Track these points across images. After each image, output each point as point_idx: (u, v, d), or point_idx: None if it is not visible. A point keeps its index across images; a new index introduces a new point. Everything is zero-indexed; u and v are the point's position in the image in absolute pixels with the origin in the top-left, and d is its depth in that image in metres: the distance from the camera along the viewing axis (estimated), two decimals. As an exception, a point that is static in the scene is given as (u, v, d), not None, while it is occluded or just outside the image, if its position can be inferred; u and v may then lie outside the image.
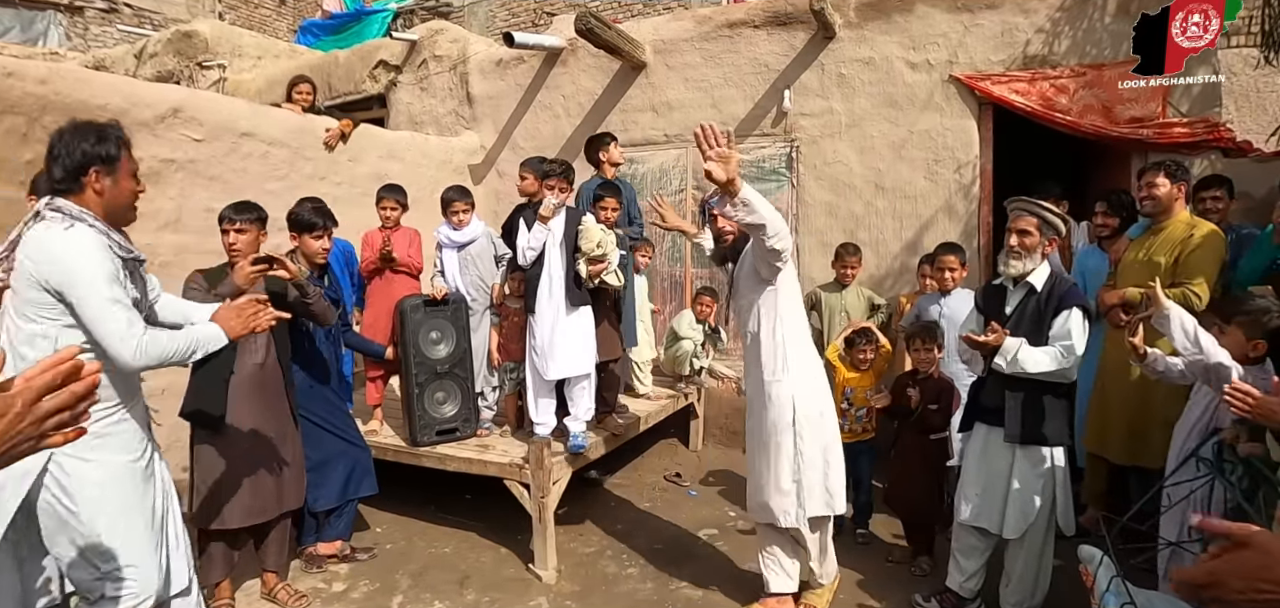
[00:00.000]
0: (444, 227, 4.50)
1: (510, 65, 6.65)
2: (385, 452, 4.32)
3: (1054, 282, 3.08)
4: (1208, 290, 3.33)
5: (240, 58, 8.35)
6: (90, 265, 2.07)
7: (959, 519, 3.28)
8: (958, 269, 4.25)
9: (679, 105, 5.98)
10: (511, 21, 11.85)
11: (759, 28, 5.68)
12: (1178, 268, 3.45)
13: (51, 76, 3.79)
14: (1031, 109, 4.91)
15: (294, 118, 5.35)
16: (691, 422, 5.87)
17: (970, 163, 5.15)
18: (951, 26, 5.14)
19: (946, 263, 4.27)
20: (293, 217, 3.63)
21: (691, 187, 6.00)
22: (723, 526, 4.52)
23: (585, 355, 4.10)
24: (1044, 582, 3.16)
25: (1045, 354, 2.92)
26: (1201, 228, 3.51)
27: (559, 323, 4.03)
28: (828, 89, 5.51)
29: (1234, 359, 2.63)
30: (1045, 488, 3.03)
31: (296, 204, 3.67)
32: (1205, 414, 2.91)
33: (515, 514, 4.00)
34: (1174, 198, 3.60)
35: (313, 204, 3.64)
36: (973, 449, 3.26)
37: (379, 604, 3.65)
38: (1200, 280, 3.34)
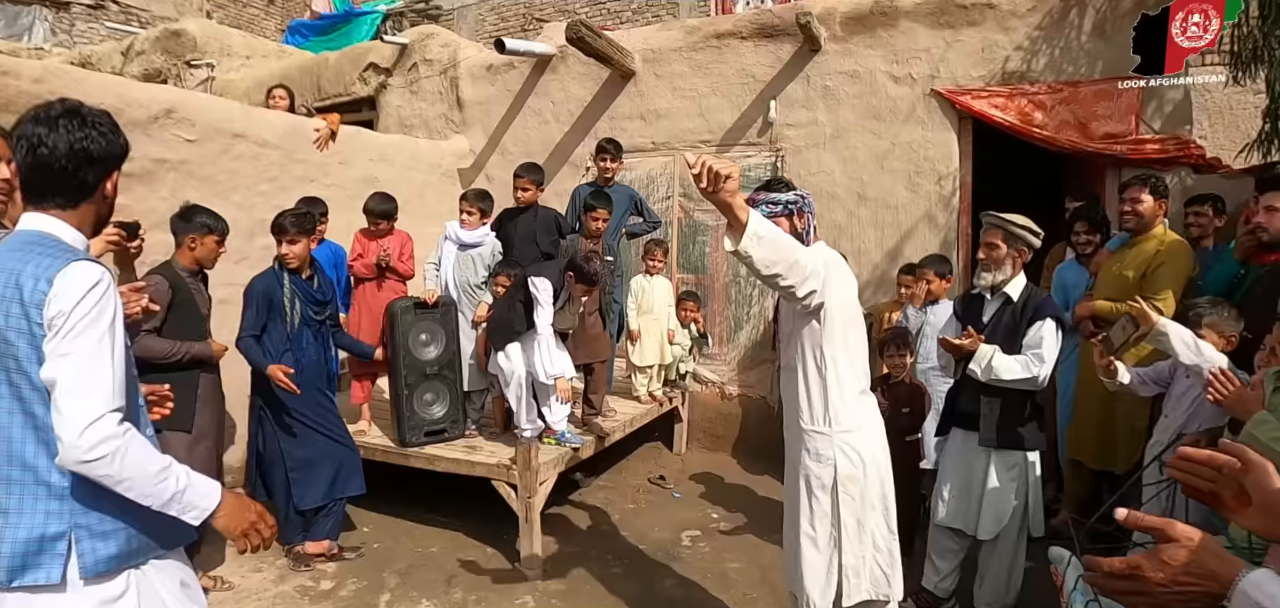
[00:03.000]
0: (453, 222, 4.59)
1: (500, 71, 6.71)
2: (374, 452, 4.37)
3: (1030, 293, 3.19)
4: (1173, 303, 3.45)
5: (229, 57, 8.34)
6: None
7: (934, 521, 3.38)
8: (934, 281, 4.34)
9: (667, 114, 6.08)
10: (501, 26, 11.91)
11: (746, 39, 5.79)
12: (1145, 282, 3.57)
13: (46, 76, 3.82)
14: (1010, 123, 5.04)
15: (286, 119, 5.38)
16: (676, 426, 5.95)
17: (950, 175, 5.27)
18: (934, 42, 5.27)
19: (925, 274, 4.38)
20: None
21: (678, 194, 6.09)
22: (706, 527, 4.60)
23: (561, 358, 4.15)
24: (1016, 582, 3.27)
25: (1017, 362, 3.03)
26: (1169, 242, 3.64)
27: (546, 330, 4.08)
28: (813, 101, 5.63)
29: None
30: (1018, 491, 3.14)
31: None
32: (1188, 419, 3.03)
33: (502, 515, 4.07)
34: (1156, 213, 3.71)
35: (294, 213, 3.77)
36: (949, 453, 3.36)
37: (367, 602, 3.70)
38: (1166, 294, 3.46)
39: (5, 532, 1.48)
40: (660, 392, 5.49)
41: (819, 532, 2.54)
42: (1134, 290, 3.43)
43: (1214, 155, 4.64)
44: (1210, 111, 4.72)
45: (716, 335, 6.02)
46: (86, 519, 1.51)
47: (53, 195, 1.55)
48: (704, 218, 6.01)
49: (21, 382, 1.47)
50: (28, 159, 1.52)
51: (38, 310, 1.45)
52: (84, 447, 1.42)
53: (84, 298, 1.46)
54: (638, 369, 5.33)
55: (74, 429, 1.42)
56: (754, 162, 5.83)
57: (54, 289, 1.45)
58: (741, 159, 5.87)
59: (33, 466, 1.49)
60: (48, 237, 1.53)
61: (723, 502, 5.01)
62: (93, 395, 1.44)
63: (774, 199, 2.52)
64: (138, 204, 4.17)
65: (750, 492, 5.19)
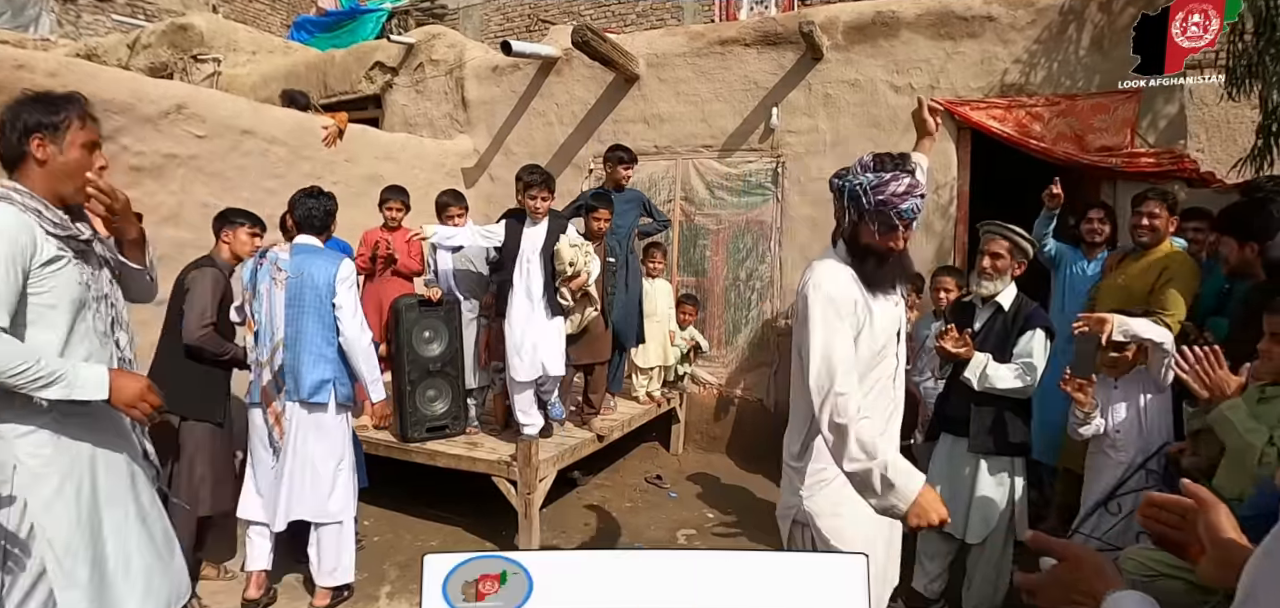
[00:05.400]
0: (441, 230, 4.62)
1: (506, 72, 6.78)
2: (376, 447, 4.43)
3: (1020, 303, 3.26)
4: (1183, 316, 3.49)
5: (235, 52, 8.41)
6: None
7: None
8: (953, 291, 4.29)
9: (670, 118, 6.15)
10: (506, 25, 11.98)
11: (749, 46, 5.87)
12: (1152, 296, 3.60)
13: (61, 70, 3.89)
14: (1008, 135, 5.12)
15: (294, 117, 5.45)
16: (673, 426, 6.02)
17: (948, 184, 5.35)
18: (934, 53, 5.34)
19: (942, 284, 4.36)
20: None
21: (680, 197, 6.17)
22: (701, 526, 4.68)
23: (555, 359, 4.20)
24: (1003, 584, 3.34)
25: (1009, 371, 3.10)
26: (1177, 257, 3.68)
27: (530, 327, 4.15)
28: (814, 108, 5.70)
29: None
30: (1005, 496, 3.21)
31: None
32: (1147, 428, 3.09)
33: (500, 511, 4.14)
34: (1169, 228, 3.74)
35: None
36: (938, 458, 3.43)
37: (367, 594, 3.77)
38: (1177, 308, 3.48)
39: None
40: (659, 392, 5.56)
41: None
42: (1139, 302, 3.46)
43: (1208, 169, 4.71)
44: (1206, 125, 4.79)
45: (715, 338, 6.09)
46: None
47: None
48: (704, 222, 6.08)
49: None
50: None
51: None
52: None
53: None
54: (640, 370, 5.40)
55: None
56: (755, 167, 5.91)
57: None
58: (742, 164, 5.95)
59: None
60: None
61: (718, 502, 5.09)
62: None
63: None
64: (148, 198, 4.25)
65: (746, 492, 5.26)
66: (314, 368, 3.27)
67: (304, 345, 3.28)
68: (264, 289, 3.37)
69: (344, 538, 3.51)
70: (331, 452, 3.41)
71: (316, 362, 3.27)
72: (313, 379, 3.26)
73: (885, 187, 1.94)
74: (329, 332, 3.28)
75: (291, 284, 3.29)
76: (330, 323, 3.28)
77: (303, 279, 3.28)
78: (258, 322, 3.40)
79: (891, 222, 1.97)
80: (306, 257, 3.33)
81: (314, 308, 3.27)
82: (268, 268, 3.38)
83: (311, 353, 3.28)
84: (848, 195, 2.03)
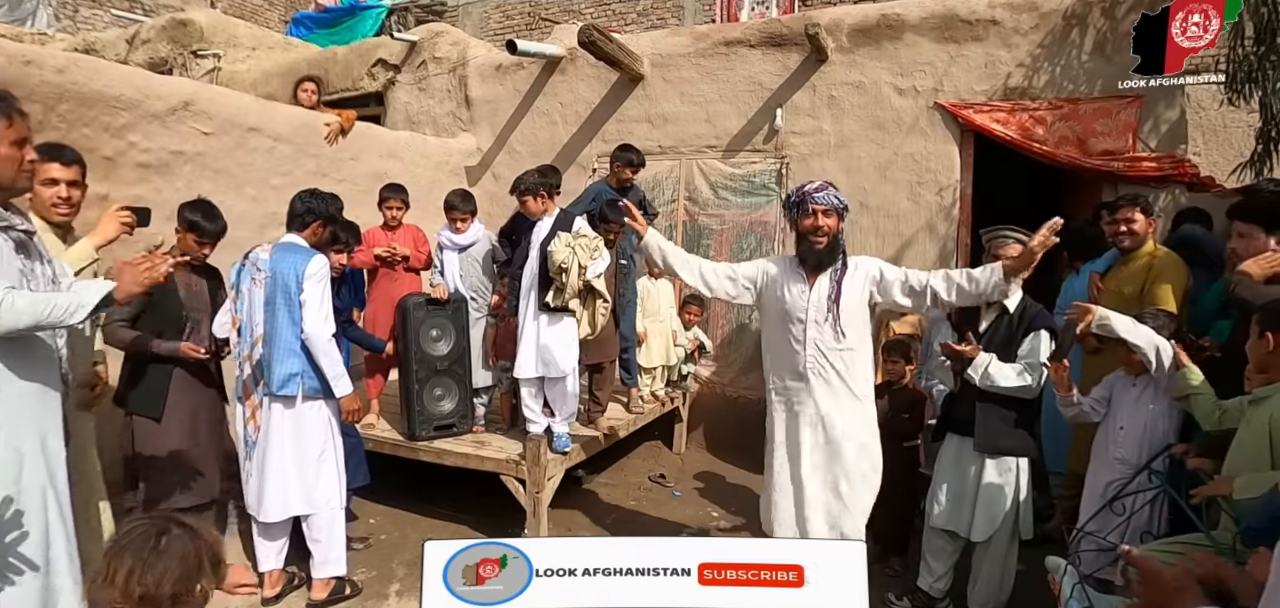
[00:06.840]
0: (445, 229, 4.64)
1: (509, 71, 6.79)
2: (382, 445, 4.45)
3: (1026, 305, 3.30)
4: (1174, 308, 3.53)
5: (235, 48, 8.38)
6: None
7: (930, 523, 3.49)
8: None
9: (674, 118, 6.17)
10: (506, 23, 11.97)
11: (754, 47, 5.89)
12: (1144, 295, 3.67)
13: (69, 66, 3.88)
14: (1010, 138, 5.16)
15: (299, 114, 5.45)
16: (676, 425, 6.04)
17: (951, 186, 5.39)
18: (938, 56, 5.38)
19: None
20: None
21: (683, 198, 6.19)
22: (705, 524, 4.71)
23: (560, 357, 4.16)
24: (1008, 583, 3.38)
25: (1012, 371, 3.14)
26: (1161, 256, 3.74)
27: (531, 325, 4.14)
28: (818, 110, 5.73)
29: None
30: (1010, 495, 3.25)
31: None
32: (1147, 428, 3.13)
33: (507, 509, 4.15)
34: (1147, 230, 3.83)
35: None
36: (945, 457, 3.47)
37: (376, 592, 3.78)
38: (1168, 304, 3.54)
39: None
40: (662, 392, 5.58)
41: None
42: (1133, 304, 3.52)
43: (1208, 174, 4.76)
44: (1205, 130, 4.84)
45: (719, 338, 6.12)
46: None
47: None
48: (708, 222, 6.11)
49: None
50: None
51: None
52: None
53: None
54: (643, 370, 5.42)
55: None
56: (759, 168, 5.94)
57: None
58: (746, 165, 5.98)
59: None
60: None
61: (721, 500, 5.12)
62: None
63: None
64: (154, 195, 4.24)
65: (749, 491, 5.29)
66: (283, 362, 3.33)
67: (277, 340, 3.34)
68: (246, 288, 3.42)
69: (334, 529, 3.54)
70: (310, 444, 3.44)
71: (286, 356, 3.33)
72: (282, 373, 3.32)
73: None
74: (298, 326, 3.33)
75: (268, 282, 3.34)
76: (299, 318, 3.33)
77: (276, 276, 3.33)
78: (241, 319, 3.45)
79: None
80: (283, 254, 3.37)
81: (284, 303, 3.32)
82: (249, 268, 3.43)
83: (282, 347, 3.34)
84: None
